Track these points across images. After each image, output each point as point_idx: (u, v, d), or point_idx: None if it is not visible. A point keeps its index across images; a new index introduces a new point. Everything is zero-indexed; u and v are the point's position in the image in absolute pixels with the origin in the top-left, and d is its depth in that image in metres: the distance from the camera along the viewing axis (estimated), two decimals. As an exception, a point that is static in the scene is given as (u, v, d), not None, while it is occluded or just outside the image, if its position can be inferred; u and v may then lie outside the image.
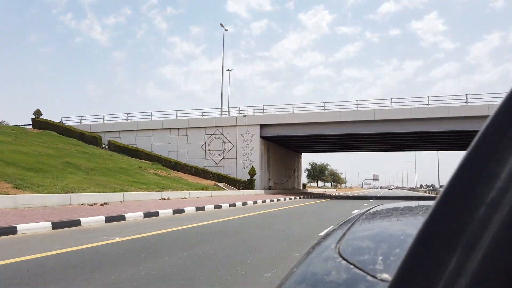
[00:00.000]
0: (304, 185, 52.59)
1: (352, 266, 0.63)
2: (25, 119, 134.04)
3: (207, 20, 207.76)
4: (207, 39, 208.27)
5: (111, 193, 14.93)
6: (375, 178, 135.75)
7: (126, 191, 16.34)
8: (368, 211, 1.11)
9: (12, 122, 58.34)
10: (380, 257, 0.65)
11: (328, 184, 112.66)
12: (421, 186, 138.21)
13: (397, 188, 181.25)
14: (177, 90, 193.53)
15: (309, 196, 31.19)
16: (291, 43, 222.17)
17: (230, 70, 47.70)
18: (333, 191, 65.12)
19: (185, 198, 18.78)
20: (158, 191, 18.78)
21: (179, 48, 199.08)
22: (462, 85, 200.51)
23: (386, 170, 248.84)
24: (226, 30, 40.87)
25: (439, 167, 64.77)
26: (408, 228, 0.87)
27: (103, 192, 15.22)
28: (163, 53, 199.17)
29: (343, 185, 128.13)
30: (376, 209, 1.15)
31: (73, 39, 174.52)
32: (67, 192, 13.51)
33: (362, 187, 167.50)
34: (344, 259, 0.67)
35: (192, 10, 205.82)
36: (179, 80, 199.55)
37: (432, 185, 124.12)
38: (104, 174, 20.55)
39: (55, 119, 37.75)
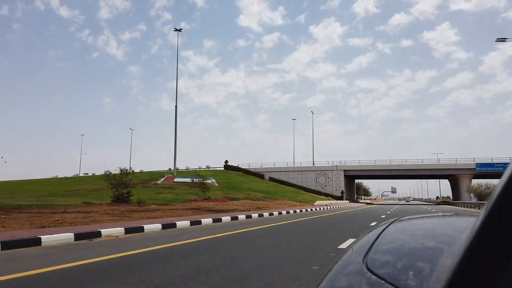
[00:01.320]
0: (356, 198, 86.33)
1: (383, 281, 0.61)
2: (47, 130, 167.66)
3: (219, 34, 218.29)
4: (220, 52, 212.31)
5: (312, 201, 49.25)
6: (393, 191, 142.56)
7: (309, 202, 50.61)
8: (392, 223, 1.06)
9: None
10: (411, 272, 0.62)
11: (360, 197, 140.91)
12: (437, 197, 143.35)
13: (414, 199, 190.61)
14: (191, 103, 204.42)
15: (363, 203, 64.84)
16: (303, 55, 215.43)
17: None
18: (368, 202, 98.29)
19: (336, 202, 52.79)
20: (313, 200, 52.81)
21: (192, 62, 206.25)
22: (478, 94, 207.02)
23: (401, 182, 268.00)
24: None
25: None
26: (437, 240, 0.82)
27: (312, 201, 49.51)
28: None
29: (369, 197, 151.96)
30: (401, 221, 1.09)
31: (90, 55, 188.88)
32: (301, 202, 47.73)
33: (384, 199, 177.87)
34: (373, 273, 0.65)
35: (205, 25, 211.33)
36: (192, 92, 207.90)
37: (448, 197, 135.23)
38: (292, 194, 55.15)
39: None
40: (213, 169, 71.31)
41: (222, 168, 70.54)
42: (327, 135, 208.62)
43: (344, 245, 7.48)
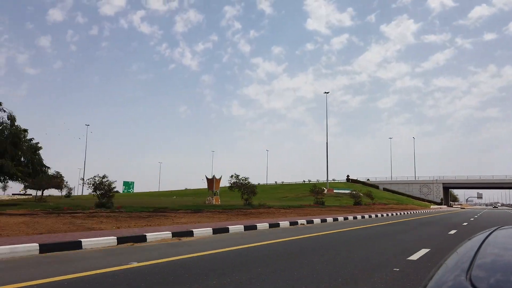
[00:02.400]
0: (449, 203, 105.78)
1: None
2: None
3: (287, 39, 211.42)
4: (288, 57, 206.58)
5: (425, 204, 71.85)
6: (479, 196, 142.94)
7: (425, 206, 73.11)
8: (493, 233, 0.93)
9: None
10: None
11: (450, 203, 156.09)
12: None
13: (503, 205, 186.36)
14: (260, 108, 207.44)
15: (457, 207, 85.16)
16: (374, 55, 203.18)
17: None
18: (459, 207, 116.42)
19: (439, 207, 74.80)
20: (427, 205, 74.99)
21: (261, 68, 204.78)
22: None
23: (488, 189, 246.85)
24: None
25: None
26: None
27: (427, 206, 72.06)
28: (246, 74, 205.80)
29: (457, 203, 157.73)
30: (503, 230, 0.96)
31: (167, 67, 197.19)
32: (420, 205, 70.43)
33: (469, 204, 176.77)
34: None
35: (273, 31, 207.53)
36: (261, 98, 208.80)
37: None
38: (408, 200, 78.03)
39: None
40: (338, 181, 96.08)
41: (345, 181, 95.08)
42: (401, 138, 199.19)
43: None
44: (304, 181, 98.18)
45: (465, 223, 18.70)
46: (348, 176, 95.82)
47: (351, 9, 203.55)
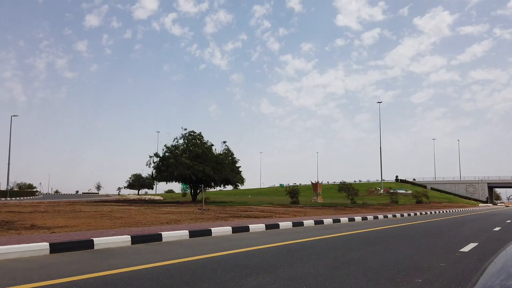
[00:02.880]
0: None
1: None
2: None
3: (316, 36, 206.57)
4: (317, 54, 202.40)
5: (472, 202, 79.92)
6: None
7: (473, 204, 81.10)
8: None
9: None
10: None
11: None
12: None
13: None
14: (289, 106, 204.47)
15: (502, 206, 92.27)
16: (407, 49, 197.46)
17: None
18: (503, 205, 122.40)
19: (487, 205, 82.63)
20: (474, 204, 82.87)
21: (291, 65, 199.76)
22: None
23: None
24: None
25: None
26: None
27: (474, 204, 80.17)
28: (275, 72, 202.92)
29: (499, 201, 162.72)
30: None
31: (198, 67, 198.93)
32: (469, 204, 78.55)
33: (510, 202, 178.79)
34: None
35: (302, 28, 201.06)
36: (291, 96, 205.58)
37: None
38: (457, 199, 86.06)
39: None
40: (389, 181, 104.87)
41: (394, 181, 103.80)
42: (437, 133, 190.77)
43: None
44: (355, 181, 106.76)
45: (508, 221, 20.89)
46: (397, 176, 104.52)
47: (382, 3, 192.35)
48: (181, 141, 43.11)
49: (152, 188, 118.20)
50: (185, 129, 43.62)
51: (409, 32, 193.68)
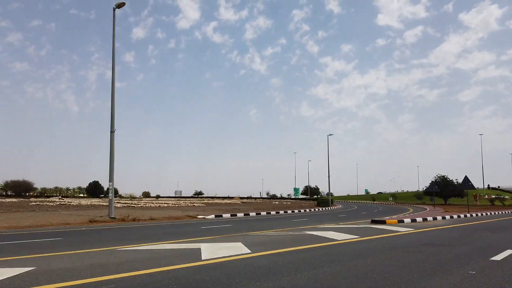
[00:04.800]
0: None
1: None
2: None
3: (357, 36, 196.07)
4: (357, 55, 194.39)
5: None
6: None
7: None
8: None
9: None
10: None
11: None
12: None
13: None
14: (330, 108, 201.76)
15: None
16: (452, 46, 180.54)
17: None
18: None
19: None
20: None
21: (330, 67, 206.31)
22: None
23: None
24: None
25: None
26: None
27: None
28: (315, 74, 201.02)
29: None
30: None
31: (238, 72, 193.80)
32: None
33: None
34: None
35: (342, 30, 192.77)
36: (331, 98, 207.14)
37: None
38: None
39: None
40: (480, 188, 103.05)
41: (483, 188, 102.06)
42: (487, 132, 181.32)
43: None
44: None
45: None
46: (489, 185, 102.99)
47: (425, 0, 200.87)
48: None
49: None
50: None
51: (454, 28, 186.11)
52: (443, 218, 21.56)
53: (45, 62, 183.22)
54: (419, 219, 19.33)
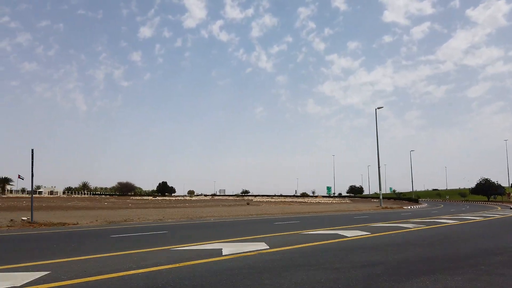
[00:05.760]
0: None
1: None
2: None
3: (363, 34, 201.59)
4: (364, 52, 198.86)
5: None
6: None
7: None
8: None
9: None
10: None
11: None
12: None
13: None
14: (336, 105, 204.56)
15: None
16: (460, 42, 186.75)
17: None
18: None
19: None
20: None
21: (336, 65, 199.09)
22: None
23: None
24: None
25: None
26: None
27: None
28: (321, 72, 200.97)
29: None
30: None
31: (244, 71, 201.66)
32: None
33: None
34: None
35: (348, 27, 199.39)
36: (337, 95, 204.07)
37: None
38: None
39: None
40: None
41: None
42: (495, 128, 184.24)
43: None
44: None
45: None
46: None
47: None
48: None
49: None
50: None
51: (462, 24, 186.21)
52: None
53: (53, 62, 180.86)
54: None
